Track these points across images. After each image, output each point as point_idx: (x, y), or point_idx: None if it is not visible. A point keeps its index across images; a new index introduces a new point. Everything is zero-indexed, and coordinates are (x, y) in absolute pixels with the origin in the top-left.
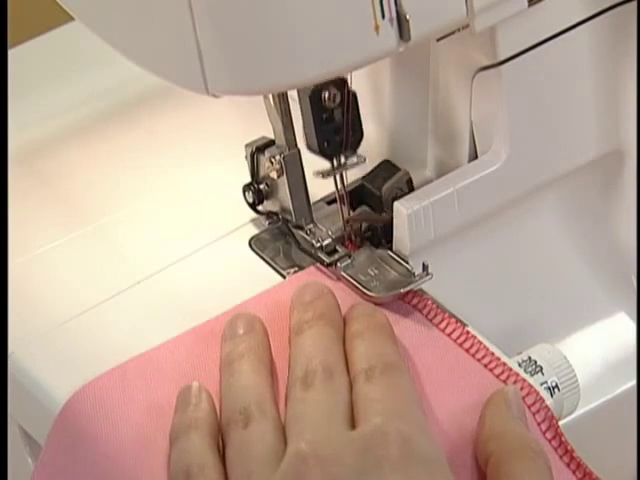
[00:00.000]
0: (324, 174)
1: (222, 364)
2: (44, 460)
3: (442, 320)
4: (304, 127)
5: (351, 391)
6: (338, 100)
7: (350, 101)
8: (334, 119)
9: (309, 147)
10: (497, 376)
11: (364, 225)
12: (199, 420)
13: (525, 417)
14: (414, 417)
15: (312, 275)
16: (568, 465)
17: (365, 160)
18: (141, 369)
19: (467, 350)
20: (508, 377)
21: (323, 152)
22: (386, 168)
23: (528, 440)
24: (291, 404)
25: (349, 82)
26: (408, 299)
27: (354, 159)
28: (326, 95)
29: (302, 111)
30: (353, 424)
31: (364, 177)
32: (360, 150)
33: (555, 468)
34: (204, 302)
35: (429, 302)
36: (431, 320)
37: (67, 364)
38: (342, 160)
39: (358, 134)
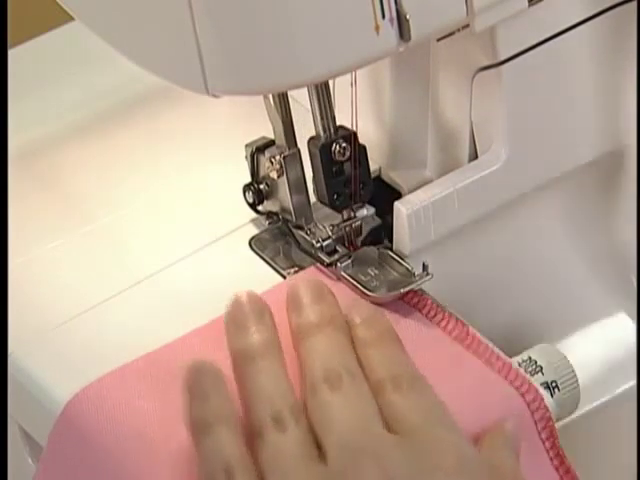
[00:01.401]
0: (334, 226)
1: (238, 357)
2: (46, 461)
3: (442, 319)
4: (314, 179)
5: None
6: (348, 154)
7: (359, 154)
8: (344, 172)
9: (319, 199)
10: (498, 373)
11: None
12: (224, 414)
13: (520, 448)
14: (456, 428)
15: (312, 275)
16: (557, 469)
17: (374, 213)
18: (144, 370)
19: (467, 348)
20: (508, 374)
21: (333, 205)
22: None
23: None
24: (318, 408)
25: (351, 82)
26: (408, 298)
27: (364, 211)
28: (336, 149)
29: (312, 164)
30: (388, 430)
31: None
32: None
33: (544, 469)
34: (204, 302)
35: (429, 301)
36: (431, 319)
37: (67, 364)
38: (352, 213)
39: (368, 187)
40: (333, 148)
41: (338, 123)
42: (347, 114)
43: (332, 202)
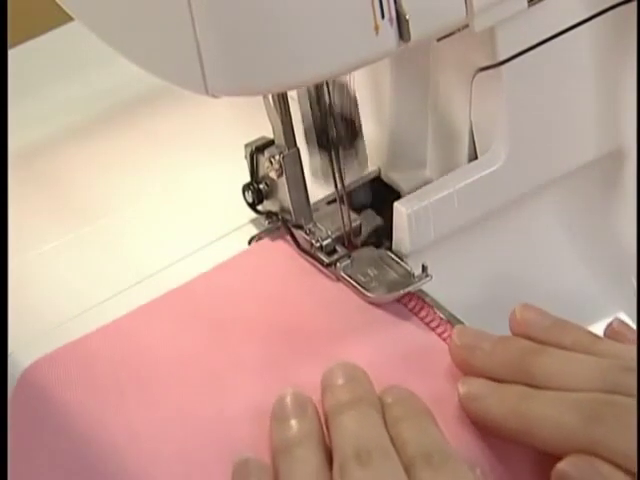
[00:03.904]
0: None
1: (277, 449)
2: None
3: (439, 325)
4: (303, 121)
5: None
6: (343, 130)
7: (352, 103)
8: (334, 115)
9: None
10: None
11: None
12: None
13: None
14: None
15: (277, 240)
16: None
17: (366, 164)
18: (108, 339)
19: None
20: None
21: (321, 144)
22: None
23: None
24: None
25: (350, 82)
26: (405, 301)
27: (353, 154)
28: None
29: (300, 106)
30: None
31: None
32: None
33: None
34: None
35: (426, 305)
36: (428, 324)
37: None
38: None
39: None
40: (328, 122)
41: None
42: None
43: (320, 142)
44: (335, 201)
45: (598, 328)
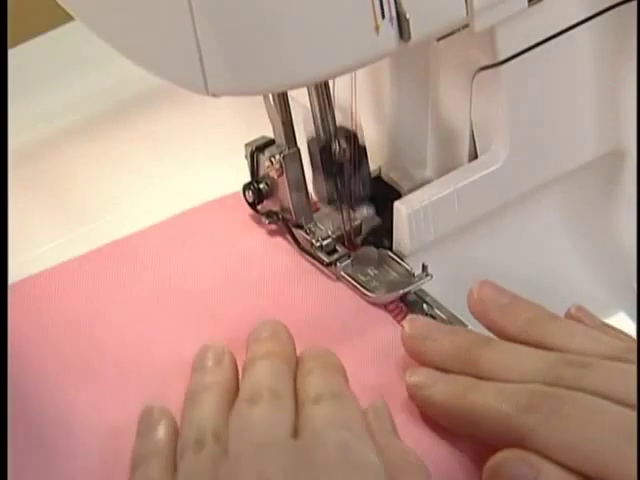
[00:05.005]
0: (333, 226)
1: (187, 394)
2: None
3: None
4: (314, 179)
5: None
6: (348, 154)
7: (359, 155)
8: (343, 172)
9: (318, 197)
10: None
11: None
12: (159, 446)
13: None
14: (357, 428)
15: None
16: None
17: (374, 213)
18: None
19: None
20: None
21: (332, 202)
22: None
23: (409, 455)
24: (233, 418)
25: (351, 82)
26: (391, 308)
27: (364, 211)
28: (336, 149)
29: (312, 163)
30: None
31: None
32: None
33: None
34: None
35: (404, 310)
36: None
37: None
38: (351, 213)
39: (367, 187)
40: (333, 149)
41: (338, 123)
42: (347, 114)
43: (331, 201)
44: (335, 201)
45: None
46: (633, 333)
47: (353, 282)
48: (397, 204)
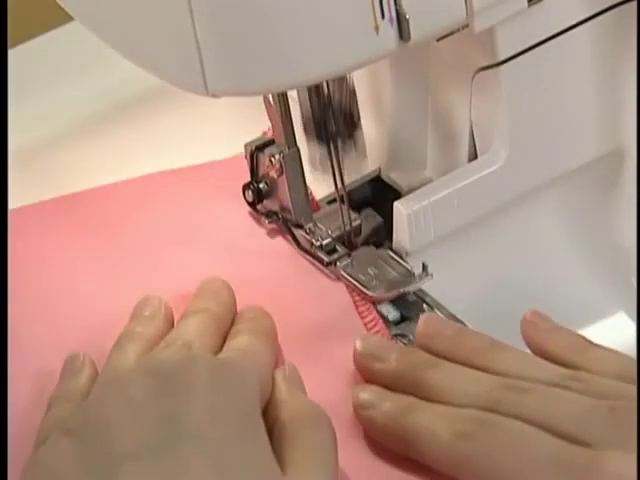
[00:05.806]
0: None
1: (117, 339)
2: None
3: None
4: (302, 114)
5: None
6: (337, 98)
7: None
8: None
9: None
10: None
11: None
12: (73, 391)
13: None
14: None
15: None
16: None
17: (366, 156)
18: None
19: None
20: None
21: (320, 136)
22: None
23: (311, 406)
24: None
25: (349, 82)
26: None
27: (351, 146)
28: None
29: (300, 101)
30: None
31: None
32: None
33: None
34: None
35: (380, 322)
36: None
37: None
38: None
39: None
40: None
41: None
42: None
43: (319, 134)
44: (335, 201)
45: (598, 328)
46: (633, 333)
47: (353, 282)
48: (397, 204)
